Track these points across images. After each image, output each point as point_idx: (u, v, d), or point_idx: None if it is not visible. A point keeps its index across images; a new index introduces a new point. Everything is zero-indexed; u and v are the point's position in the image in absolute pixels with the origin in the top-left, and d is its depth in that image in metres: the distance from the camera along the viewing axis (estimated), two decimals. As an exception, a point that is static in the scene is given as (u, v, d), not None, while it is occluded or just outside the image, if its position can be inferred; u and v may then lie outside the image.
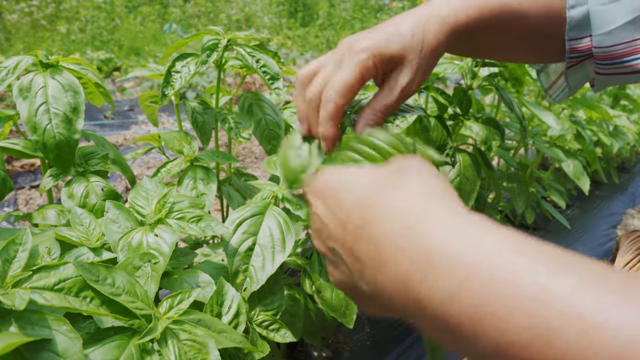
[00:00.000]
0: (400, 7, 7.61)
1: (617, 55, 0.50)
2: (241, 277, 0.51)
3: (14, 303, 0.30)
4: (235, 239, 0.52)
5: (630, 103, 1.69)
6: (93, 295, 0.36)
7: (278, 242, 0.52)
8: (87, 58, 3.92)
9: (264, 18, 6.59)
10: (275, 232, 0.53)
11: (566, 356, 0.19)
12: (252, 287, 0.50)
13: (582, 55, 0.52)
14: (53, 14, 5.09)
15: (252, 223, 0.53)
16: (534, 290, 0.21)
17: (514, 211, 1.40)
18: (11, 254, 0.35)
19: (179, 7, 6.26)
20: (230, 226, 0.52)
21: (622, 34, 0.48)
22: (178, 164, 0.69)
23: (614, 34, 0.49)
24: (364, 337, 0.94)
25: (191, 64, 0.66)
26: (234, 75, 2.89)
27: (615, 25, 0.48)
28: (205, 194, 0.66)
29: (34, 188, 1.63)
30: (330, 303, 0.60)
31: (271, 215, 0.54)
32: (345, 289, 0.33)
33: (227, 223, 0.52)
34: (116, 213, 0.54)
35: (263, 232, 0.53)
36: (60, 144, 0.60)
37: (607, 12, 0.48)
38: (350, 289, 0.32)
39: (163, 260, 0.48)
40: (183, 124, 0.95)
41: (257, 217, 0.54)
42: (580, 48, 0.52)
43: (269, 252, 0.52)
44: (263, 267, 0.51)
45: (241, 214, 0.53)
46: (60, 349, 0.31)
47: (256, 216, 0.54)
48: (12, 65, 0.61)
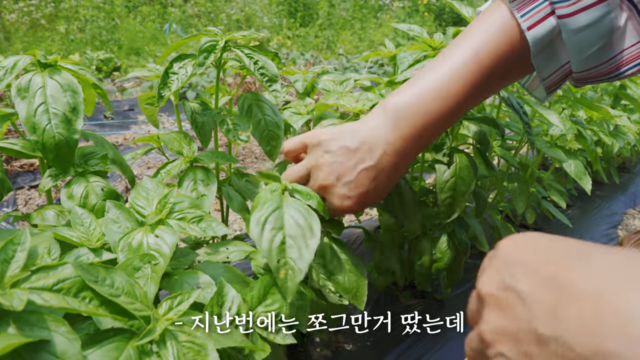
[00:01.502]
0: (401, 7, 7.61)
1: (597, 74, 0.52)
2: (283, 272, 0.51)
3: (12, 304, 0.30)
4: (265, 239, 0.52)
5: (630, 103, 1.68)
6: (92, 296, 0.36)
7: (306, 229, 0.53)
8: (86, 58, 3.91)
9: (263, 18, 6.59)
10: (300, 220, 0.53)
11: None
12: (297, 277, 0.51)
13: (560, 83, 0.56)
14: (52, 13, 5.08)
15: (275, 218, 0.53)
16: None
17: (514, 211, 1.40)
18: (9, 254, 0.35)
19: (179, 7, 6.25)
20: (256, 227, 0.52)
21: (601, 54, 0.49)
22: (177, 165, 0.69)
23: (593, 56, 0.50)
24: (364, 337, 0.94)
25: (189, 66, 0.66)
26: (234, 75, 2.89)
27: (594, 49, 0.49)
28: (205, 195, 0.66)
29: (34, 188, 1.63)
30: (343, 285, 0.61)
31: (289, 206, 0.55)
32: None
33: (252, 226, 0.53)
34: (117, 213, 0.54)
35: (288, 223, 0.53)
36: (59, 144, 0.59)
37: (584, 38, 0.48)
38: None
39: (163, 261, 0.48)
40: (183, 124, 0.95)
41: (277, 211, 0.54)
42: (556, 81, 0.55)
43: (302, 240, 0.52)
44: (301, 256, 0.51)
45: (261, 213, 0.53)
46: (59, 350, 0.31)
47: (276, 211, 0.54)
48: (10, 65, 0.61)
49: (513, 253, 0.28)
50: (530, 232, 0.30)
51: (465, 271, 0.96)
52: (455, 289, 1.09)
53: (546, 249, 0.27)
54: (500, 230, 1.17)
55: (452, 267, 0.91)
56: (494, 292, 0.27)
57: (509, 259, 0.28)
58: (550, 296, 0.24)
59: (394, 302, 1.03)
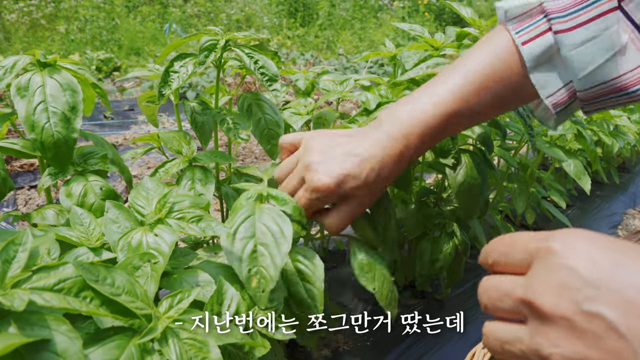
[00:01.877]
0: (401, 6, 7.61)
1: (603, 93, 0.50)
2: (255, 281, 0.50)
3: (13, 304, 0.30)
4: (236, 248, 0.51)
5: (630, 103, 1.68)
6: (93, 296, 0.36)
7: (278, 234, 0.52)
8: (86, 58, 3.91)
9: (263, 18, 6.59)
10: (272, 227, 0.53)
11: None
12: (269, 286, 0.50)
13: (567, 103, 0.53)
14: (52, 13, 5.08)
15: (247, 227, 0.53)
16: None
17: (514, 211, 1.40)
18: (11, 254, 0.35)
19: (179, 7, 6.25)
20: (226, 240, 0.52)
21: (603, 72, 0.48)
22: (176, 164, 0.69)
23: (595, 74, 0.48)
24: (364, 337, 0.94)
25: (189, 64, 0.66)
26: (234, 75, 2.89)
27: (595, 66, 0.48)
28: (203, 194, 0.66)
29: (33, 188, 1.63)
30: None
31: (262, 213, 0.54)
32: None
33: (222, 238, 0.52)
34: (116, 213, 0.54)
35: (260, 231, 0.52)
36: (58, 142, 0.59)
37: (583, 54, 0.47)
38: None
39: (163, 260, 0.48)
40: (183, 124, 0.95)
41: (249, 219, 0.53)
42: (562, 100, 0.53)
43: (274, 248, 0.51)
44: (273, 264, 0.51)
45: (231, 224, 0.53)
46: (60, 349, 0.31)
47: (248, 219, 0.53)
48: (10, 64, 0.61)
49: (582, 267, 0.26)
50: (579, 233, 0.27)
51: (465, 271, 0.96)
52: (456, 289, 1.09)
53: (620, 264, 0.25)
54: (500, 230, 1.17)
55: (452, 267, 0.91)
56: (568, 315, 0.25)
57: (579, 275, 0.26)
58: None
59: (394, 301, 1.03)
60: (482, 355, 0.59)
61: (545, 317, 0.26)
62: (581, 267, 0.26)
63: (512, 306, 0.29)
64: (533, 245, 0.29)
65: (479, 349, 0.60)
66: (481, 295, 0.31)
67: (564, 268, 0.26)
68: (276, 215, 0.53)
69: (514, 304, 0.29)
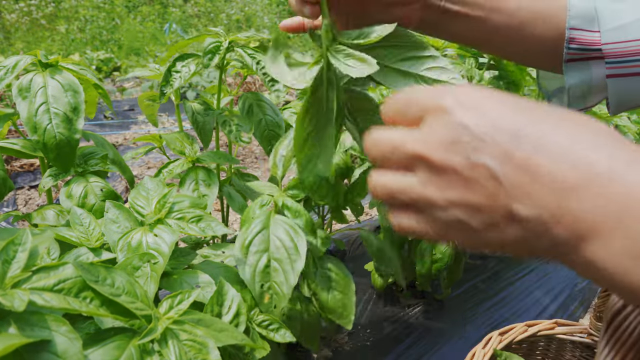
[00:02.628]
0: (400, 7, 7.59)
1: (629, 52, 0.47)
2: (267, 297, 0.50)
3: (13, 304, 0.30)
4: (249, 262, 0.51)
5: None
6: (93, 296, 0.36)
7: (292, 250, 0.52)
8: (86, 58, 3.92)
9: (264, 18, 6.59)
10: (286, 241, 0.52)
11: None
12: (281, 303, 0.50)
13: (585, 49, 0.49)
14: (52, 13, 5.08)
15: (260, 240, 0.52)
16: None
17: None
18: (10, 254, 0.35)
19: (179, 7, 6.25)
20: (240, 251, 0.51)
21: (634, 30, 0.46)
22: (180, 164, 0.69)
23: (625, 28, 0.46)
24: (364, 337, 0.94)
25: (191, 64, 0.66)
26: (234, 75, 2.89)
27: (626, 21, 0.46)
28: (207, 196, 0.66)
29: (34, 188, 1.63)
30: (327, 305, 0.59)
31: (276, 225, 0.53)
32: (475, 211, 0.27)
33: (236, 248, 0.52)
34: (116, 213, 0.54)
35: (274, 245, 0.52)
36: (60, 143, 0.60)
37: (616, 10, 0.46)
38: (484, 211, 0.27)
39: (162, 260, 0.48)
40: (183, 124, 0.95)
41: (263, 232, 0.53)
42: (583, 40, 0.49)
43: (287, 264, 0.51)
44: (286, 280, 0.50)
45: (247, 235, 0.52)
46: (60, 349, 0.31)
47: (262, 231, 0.53)
48: (11, 65, 0.61)
49: (472, 123, 0.27)
50: (471, 87, 0.29)
51: (465, 271, 0.96)
52: (456, 289, 1.09)
53: (504, 117, 0.27)
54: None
55: (452, 267, 0.91)
56: (457, 166, 0.27)
57: (468, 130, 0.27)
58: (525, 179, 0.26)
59: (394, 302, 1.03)
60: (482, 355, 0.59)
61: (436, 169, 0.28)
62: (471, 122, 0.27)
63: (403, 159, 0.30)
64: (426, 101, 0.30)
65: (479, 349, 0.60)
66: (370, 148, 0.31)
67: (455, 124, 0.28)
68: (291, 229, 0.53)
69: (405, 157, 0.30)
